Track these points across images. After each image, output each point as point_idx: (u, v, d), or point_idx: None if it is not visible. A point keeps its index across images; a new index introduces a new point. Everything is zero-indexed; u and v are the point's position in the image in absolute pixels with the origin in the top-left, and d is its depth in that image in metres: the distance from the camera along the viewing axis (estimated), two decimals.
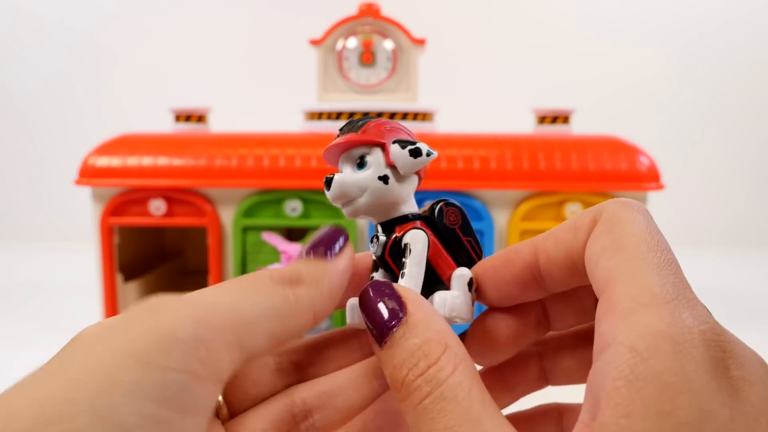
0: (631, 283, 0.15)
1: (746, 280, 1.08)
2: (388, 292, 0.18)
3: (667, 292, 0.15)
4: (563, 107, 0.77)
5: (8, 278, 1.05)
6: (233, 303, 0.16)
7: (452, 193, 0.68)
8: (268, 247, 0.70)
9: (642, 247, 0.16)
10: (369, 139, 0.20)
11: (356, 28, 0.79)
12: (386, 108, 0.76)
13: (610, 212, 0.18)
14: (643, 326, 0.14)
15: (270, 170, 0.69)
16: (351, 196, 0.20)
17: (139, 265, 0.80)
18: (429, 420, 0.15)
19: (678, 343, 0.13)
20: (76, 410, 0.12)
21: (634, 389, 0.13)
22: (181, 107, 0.80)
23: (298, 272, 0.18)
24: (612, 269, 0.16)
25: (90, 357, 0.14)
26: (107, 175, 0.70)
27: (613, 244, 0.16)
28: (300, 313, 0.18)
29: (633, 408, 0.13)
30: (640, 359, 0.13)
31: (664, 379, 0.13)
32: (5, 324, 0.79)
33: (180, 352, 0.14)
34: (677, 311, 0.14)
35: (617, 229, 0.17)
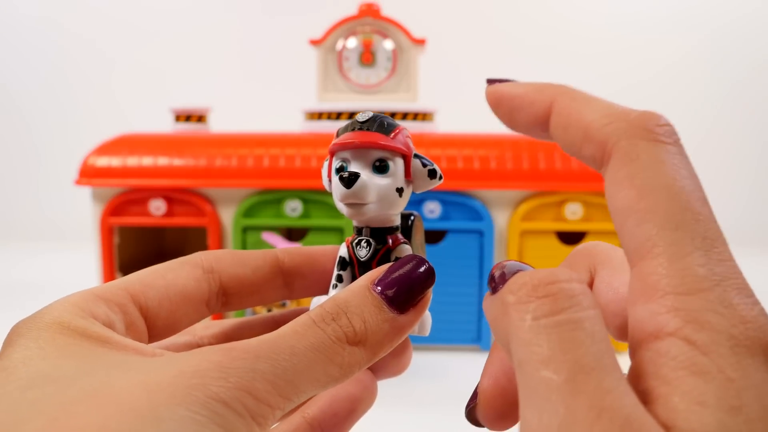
0: (670, 263, 0.13)
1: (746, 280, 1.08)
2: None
3: (713, 271, 0.13)
4: None
5: (8, 278, 1.05)
6: (295, 376, 0.15)
7: (452, 193, 0.68)
8: (268, 247, 0.70)
9: (677, 211, 0.14)
10: (400, 149, 0.20)
11: (356, 28, 0.79)
12: (386, 108, 0.76)
13: (629, 146, 0.15)
14: (695, 318, 0.13)
15: (270, 170, 0.69)
16: (368, 199, 0.19)
17: (139, 265, 0.79)
18: (559, 342, 0.12)
19: (733, 336, 0.12)
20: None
21: (702, 380, 0.12)
22: (181, 107, 0.80)
23: (365, 332, 0.16)
24: (643, 240, 0.14)
25: (174, 399, 0.14)
26: (107, 175, 0.70)
27: (641, 206, 0.14)
28: (344, 378, 0.16)
29: (706, 398, 0.12)
30: (699, 352, 0.12)
31: (727, 374, 0.12)
32: (5, 324, 0.78)
33: (241, 425, 0.14)
34: (727, 297, 0.13)
35: (639, 178, 0.14)
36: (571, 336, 0.13)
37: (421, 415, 0.55)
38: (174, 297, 0.19)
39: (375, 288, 0.17)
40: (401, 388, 0.23)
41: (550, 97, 0.17)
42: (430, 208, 0.68)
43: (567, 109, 0.17)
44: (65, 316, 0.16)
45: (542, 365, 0.12)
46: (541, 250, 0.69)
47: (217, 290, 0.20)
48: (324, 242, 0.70)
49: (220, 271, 0.20)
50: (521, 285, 0.14)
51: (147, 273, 0.19)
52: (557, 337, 0.13)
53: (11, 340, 0.16)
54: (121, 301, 0.18)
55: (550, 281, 0.13)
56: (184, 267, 0.20)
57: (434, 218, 0.68)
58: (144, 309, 0.18)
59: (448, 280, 0.68)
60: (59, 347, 0.15)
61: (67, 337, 0.16)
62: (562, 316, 0.13)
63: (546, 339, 0.13)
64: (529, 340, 0.13)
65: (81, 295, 0.17)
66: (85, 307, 0.17)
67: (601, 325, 0.13)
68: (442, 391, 0.60)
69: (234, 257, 0.20)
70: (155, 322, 0.19)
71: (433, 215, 0.68)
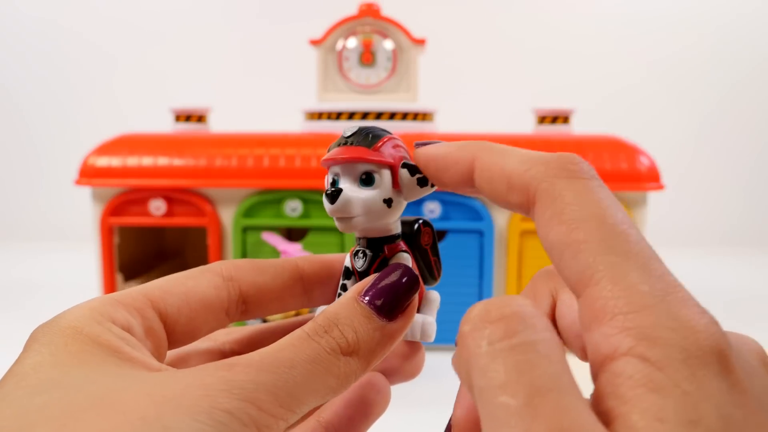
0: (613, 285, 0.13)
1: (746, 280, 1.08)
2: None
3: (656, 288, 0.13)
4: (563, 107, 0.77)
5: (8, 278, 1.05)
6: (295, 388, 0.15)
7: (452, 193, 0.68)
8: (268, 247, 0.70)
9: (608, 237, 0.14)
10: (383, 161, 0.20)
11: (356, 28, 0.79)
12: (386, 108, 0.76)
13: (551, 188, 0.15)
14: (647, 334, 0.13)
15: (270, 170, 0.69)
16: (353, 213, 0.20)
17: (139, 265, 0.80)
18: (513, 366, 0.13)
19: (685, 349, 0.13)
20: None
21: (659, 396, 0.12)
22: (181, 107, 0.80)
23: (357, 342, 0.17)
24: (582, 270, 0.14)
25: (181, 409, 0.14)
26: (107, 175, 0.70)
27: (572, 239, 0.14)
28: (342, 389, 0.17)
29: (664, 414, 0.12)
30: (654, 368, 0.12)
31: (683, 388, 0.12)
32: (5, 324, 0.79)
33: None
34: (674, 310, 0.13)
35: (566, 214, 0.15)
36: (526, 358, 0.13)
37: (421, 415, 0.55)
38: (194, 304, 0.19)
39: (362, 299, 0.18)
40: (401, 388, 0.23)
41: (471, 154, 0.18)
42: (430, 208, 0.68)
43: (488, 163, 0.17)
44: (81, 321, 0.17)
45: (500, 390, 0.12)
46: (540, 250, 0.69)
47: (237, 298, 0.20)
48: (324, 242, 0.70)
49: (239, 279, 0.20)
50: (476, 313, 0.14)
51: (167, 280, 0.19)
52: (512, 360, 0.13)
53: (27, 345, 0.17)
54: (140, 305, 0.18)
55: (503, 305, 0.14)
56: (204, 275, 0.20)
57: (434, 218, 0.68)
58: (164, 315, 0.18)
59: (448, 280, 0.68)
60: (71, 354, 0.16)
61: (79, 344, 0.16)
62: (516, 339, 0.13)
63: (502, 363, 0.13)
64: (485, 366, 0.13)
65: (101, 299, 0.18)
66: (103, 311, 0.17)
67: (557, 347, 0.13)
68: (442, 391, 0.60)
69: (253, 265, 0.21)
70: (175, 327, 0.19)
71: (433, 215, 0.68)
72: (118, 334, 0.17)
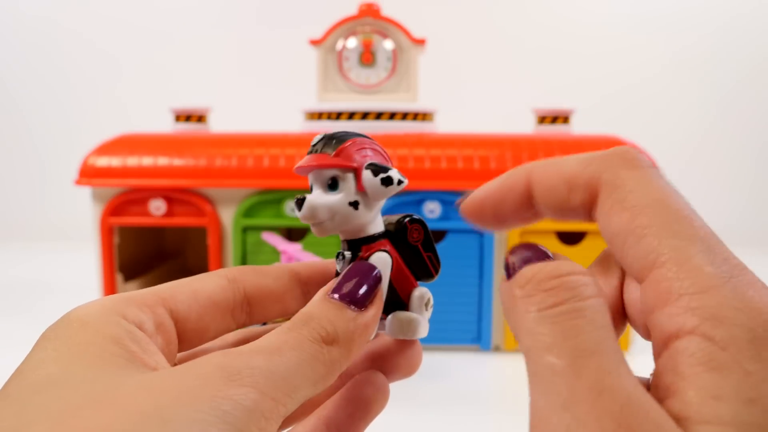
0: (678, 267, 0.14)
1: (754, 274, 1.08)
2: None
3: (721, 270, 0.14)
4: (563, 107, 0.77)
5: (8, 278, 1.05)
6: (287, 373, 0.16)
7: (452, 193, 0.68)
8: (268, 247, 0.70)
9: (672, 222, 0.14)
10: (341, 164, 0.20)
11: (356, 28, 0.79)
12: (386, 108, 0.76)
13: (613, 176, 0.16)
14: (712, 314, 0.13)
15: (270, 170, 0.69)
16: (320, 218, 0.20)
17: (139, 265, 0.80)
18: (560, 332, 0.13)
19: (752, 329, 0.13)
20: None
21: (719, 375, 0.12)
22: (181, 107, 0.80)
23: (335, 331, 0.18)
24: (645, 255, 0.14)
25: (179, 400, 0.14)
26: (107, 175, 0.70)
27: (636, 224, 0.15)
28: (331, 377, 0.17)
29: (722, 392, 0.12)
30: (717, 348, 0.13)
31: (745, 367, 0.12)
32: (5, 324, 0.79)
33: (249, 420, 0.14)
34: (741, 291, 0.13)
35: (628, 201, 0.15)
36: (572, 324, 0.14)
37: (422, 415, 0.55)
38: (202, 302, 0.20)
39: (332, 296, 0.18)
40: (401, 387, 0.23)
41: (524, 174, 0.18)
42: (430, 208, 0.68)
43: (544, 173, 0.17)
44: (90, 315, 0.17)
45: (546, 351, 0.13)
46: None
47: (242, 299, 0.21)
48: (324, 242, 0.70)
49: (243, 281, 0.21)
50: (528, 280, 0.15)
51: (175, 282, 0.20)
52: (559, 326, 0.14)
53: (37, 341, 0.17)
54: (150, 303, 0.19)
55: (554, 275, 0.14)
56: (209, 277, 0.21)
57: (434, 218, 0.68)
58: (174, 312, 0.19)
59: (448, 280, 0.68)
60: (74, 347, 0.16)
61: (85, 337, 0.16)
62: (564, 306, 0.14)
63: (549, 328, 0.14)
64: (533, 330, 0.14)
65: (113, 297, 0.18)
66: (114, 307, 0.18)
67: (603, 313, 0.14)
68: (442, 391, 0.60)
69: (255, 269, 0.22)
70: (185, 325, 0.19)
71: (433, 215, 0.68)
72: (126, 329, 0.17)
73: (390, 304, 0.21)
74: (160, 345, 0.18)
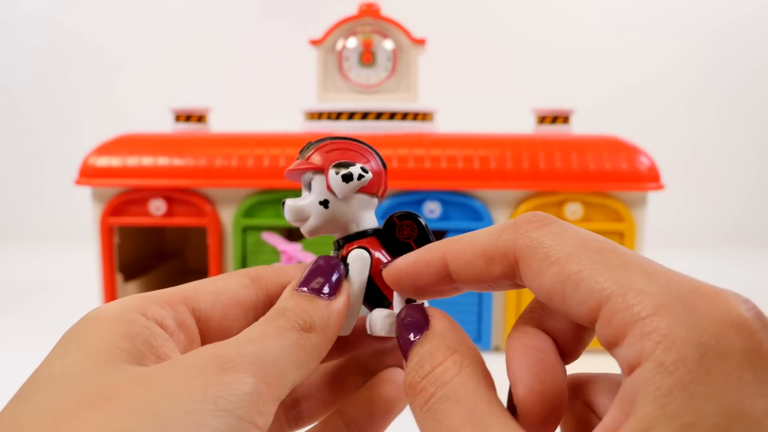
0: (623, 297, 0.14)
1: (746, 280, 1.08)
2: (417, 311, 0.19)
3: (665, 288, 0.14)
4: (563, 107, 0.77)
5: (8, 278, 1.05)
6: (275, 358, 0.17)
7: (452, 193, 0.68)
8: (268, 247, 0.70)
9: (601, 259, 0.15)
10: (308, 167, 0.22)
11: (356, 28, 0.79)
12: (386, 108, 0.76)
13: (528, 241, 0.16)
14: (663, 335, 0.13)
15: (270, 170, 0.69)
16: (302, 219, 0.22)
17: (139, 265, 0.80)
18: (434, 420, 0.16)
19: (702, 345, 0.12)
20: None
21: (658, 404, 0.12)
22: (181, 107, 0.80)
23: (311, 319, 0.18)
24: (590, 295, 0.14)
25: (172, 393, 0.14)
26: (107, 175, 0.70)
27: (569, 272, 0.15)
28: (313, 362, 0.18)
29: (655, 423, 0.12)
30: (666, 373, 0.12)
31: (690, 390, 0.12)
32: (5, 324, 0.79)
33: (248, 404, 0.15)
34: (690, 305, 0.13)
35: (551, 256, 0.15)
36: (441, 410, 0.15)
37: None
38: (225, 300, 0.20)
39: (299, 289, 0.19)
40: None
41: (439, 251, 0.19)
42: (430, 208, 0.68)
43: (459, 249, 0.18)
44: (108, 313, 0.18)
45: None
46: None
47: (265, 298, 0.21)
48: (324, 242, 0.70)
49: (266, 280, 0.22)
50: (407, 390, 0.17)
51: (198, 281, 0.21)
52: (432, 415, 0.16)
53: (58, 340, 0.18)
54: (172, 301, 0.19)
55: (420, 377, 0.17)
56: (231, 276, 0.21)
57: (434, 218, 0.68)
58: (197, 311, 0.20)
59: None
60: (82, 344, 0.16)
61: (95, 332, 0.17)
62: (432, 399, 0.16)
63: (428, 420, 0.16)
64: (422, 425, 0.16)
65: (135, 296, 0.19)
66: (135, 305, 0.18)
67: (470, 382, 0.16)
68: None
69: (275, 269, 0.22)
70: (209, 324, 0.20)
71: (433, 215, 0.68)
72: (144, 325, 0.17)
73: (374, 302, 0.22)
74: (182, 342, 0.19)
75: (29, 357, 0.18)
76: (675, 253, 1.18)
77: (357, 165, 0.21)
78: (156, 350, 0.17)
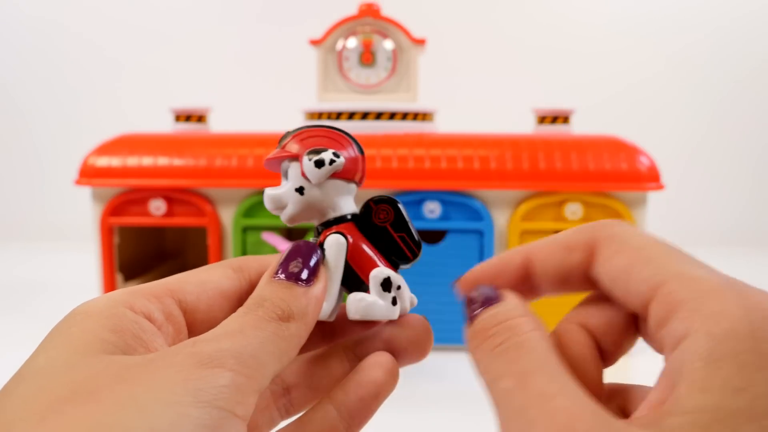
0: (682, 281, 0.15)
1: (746, 280, 1.08)
2: (489, 288, 0.20)
3: (719, 279, 0.15)
4: (563, 107, 0.77)
5: (8, 278, 1.05)
6: (254, 351, 0.17)
7: (452, 193, 0.68)
8: (268, 247, 0.70)
9: (666, 253, 0.17)
10: (284, 155, 0.22)
11: (356, 28, 0.79)
12: (386, 108, 0.76)
13: (609, 232, 0.18)
14: (716, 312, 0.14)
15: (270, 170, 0.69)
16: (280, 207, 0.22)
17: (139, 265, 0.80)
18: (507, 362, 0.16)
19: (753, 322, 0.13)
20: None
21: (712, 369, 0.13)
22: (181, 107, 0.80)
23: (289, 308, 0.19)
24: (652, 277, 0.16)
25: (153, 387, 0.15)
26: (107, 175, 0.70)
27: (637, 259, 0.17)
28: (293, 351, 0.18)
29: (709, 384, 0.13)
30: (717, 341, 0.13)
31: (741, 358, 0.13)
32: (5, 324, 0.79)
33: (227, 396, 0.15)
34: (742, 294, 0.14)
35: (629, 244, 0.18)
36: (514, 354, 0.16)
37: (421, 415, 0.55)
38: (210, 291, 0.20)
39: (277, 277, 0.19)
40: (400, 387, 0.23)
41: (521, 251, 0.20)
42: (430, 208, 0.68)
43: (542, 245, 0.20)
44: (96, 307, 0.18)
45: (498, 380, 0.16)
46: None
47: (248, 287, 0.21)
48: None
49: (248, 270, 0.22)
50: (477, 332, 0.18)
51: (183, 273, 0.21)
52: (504, 357, 0.17)
53: (45, 336, 0.18)
54: (158, 293, 0.19)
55: (495, 323, 0.18)
56: (215, 268, 0.22)
57: (434, 218, 0.68)
58: (183, 303, 0.20)
59: (448, 280, 0.68)
60: (68, 338, 0.17)
61: (82, 326, 0.17)
62: (506, 344, 0.17)
63: (498, 361, 0.17)
64: (488, 366, 0.17)
65: (122, 290, 0.19)
66: (122, 299, 0.18)
67: (541, 342, 0.17)
68: (442, 391, 0.60)
69: (258, 259, 0.22)
70: (195, 316, 0.20)
71: (433, 215, 0.68)
72: (132, 319, 0.18)
73: (353, 287, 0.22)
74: (170, 335, 0.19)
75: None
76: None
77: (329, 150, 0.21)
78: (146, 344, 0.17)
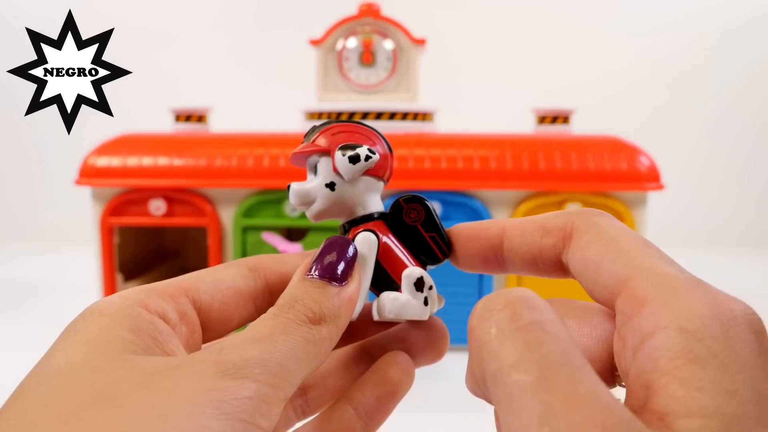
0: (651, 277, 0.15)
1: (746, 280, 1.08)
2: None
3: (688, 278, 0.15)
4: (563, 107, 0.77)
5: (8, 278, 1.05)
6: (282, 358, 0.16)
7: (452, 193, 0.68)
8: (268, 247, 0.70)
9: (638, 248, 0.16)
10: (314, 149, 0.21)
11: (356, 28, 0.79)
12: (386, 108, 0.76)
13: (587, 221, 0.18)
14: (686, 310, 0.14)
15: (270, 170, 0.69)
16: (307, 202, 0.21)
17: (139, 265, 0.80)
18: (526, 342, 0.13)
19: (724, 323, 0.13)
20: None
21: (698, 366, 0.13)
22: (181, 107, 0.80)
23: (321, 310, 0.18)
24: (621, 270, 0.16)
25: (176, 397, 0.14)
26: (107, 175, 0.70)
27: (609, 249, 0.16)
28: (323, 355, 0.18)
29: (703, 383, 0.12)
30: (693, 339, 0.13)
31: (721, 359, 0.13)
32: (5, 324, 0.79)
33: (251, 408, 0.15)
34: (710, 293, 0.14)
35: (604, 235, 0.17)
36: (535, 337, 0.13)
37: (421, 415, 0.55)
38: (225, 290, 0.20)
39: (310, 275, 0.19)
40: None
41: (499, 221, 0.20)
42: None
43: (519, 223, 0.20)
44: (111, 306, 0.17)
45: (513, 369, 0.13)
46: None
47: (263, 287, 0.21)
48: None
49: (264, 269, 0.21)
50: (480, 306, 0.15)
51: (197, 272, 0.21)
52: (521, 339, 0.13)
53: (59, 335, 0.17)
54: (173, 293, 0.19)
55: (506, 293, 0.15)
56: (230, 266, 0.21)
57: None
58: (197, 302, 0.19)
59: (448, 280, 0.68)
60: (85, 337, 0.16)
61: (99, 326, 0.17)
62: (524, 320, 0.14)
63: (512, 344, 0.13)
64: (497, 351, 0.13)
65: (136, 288, 0.19)
66: (136, 298, 0.18)
67: (562, 327, 0.14)
68: (442, 391, 0.60)
69: (274, 258, 0.22)
70: (209, 315, 0.20)
71: None
72: (147, 319, 0.17)
73: (382, 286, 0.21)
74: (184, 334, 0.19)
75: (29, 357, 0.17)
76: (675, 253, 1.17)
77: (364, 146, 0.21)
78: (162, 345, 0.17)
